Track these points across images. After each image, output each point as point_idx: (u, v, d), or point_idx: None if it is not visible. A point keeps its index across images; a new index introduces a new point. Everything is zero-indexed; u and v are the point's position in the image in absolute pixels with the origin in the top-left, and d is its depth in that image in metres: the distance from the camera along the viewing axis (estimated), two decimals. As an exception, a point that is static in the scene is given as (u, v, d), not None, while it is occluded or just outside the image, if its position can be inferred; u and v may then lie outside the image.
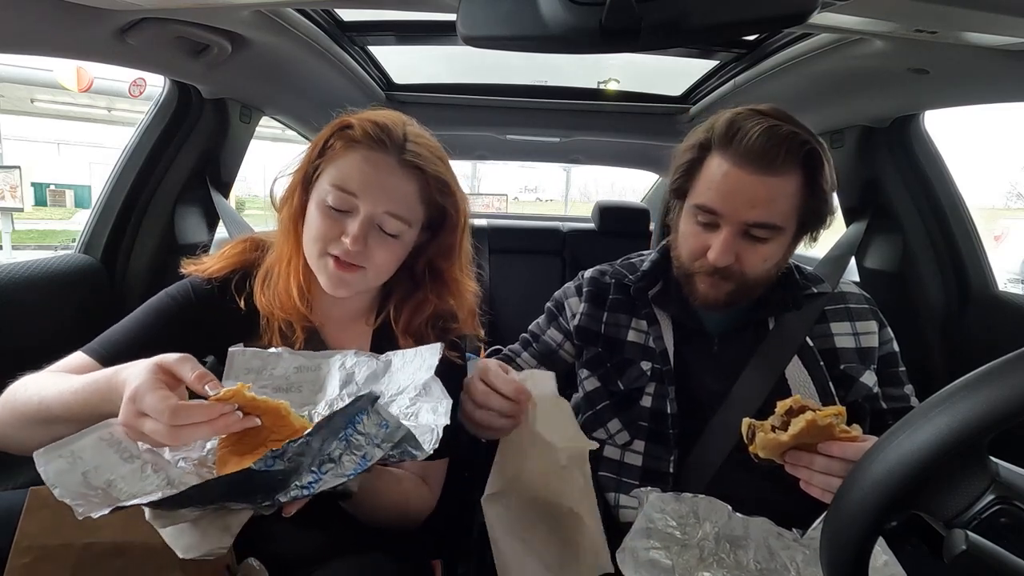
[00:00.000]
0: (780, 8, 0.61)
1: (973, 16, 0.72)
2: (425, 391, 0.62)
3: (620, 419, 0.90)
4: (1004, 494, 0.40)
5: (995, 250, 6.50)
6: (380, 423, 0.54)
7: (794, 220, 0.79)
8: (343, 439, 0.52)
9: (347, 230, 0.71)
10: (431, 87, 1.80)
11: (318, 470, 0.50)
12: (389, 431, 0.53)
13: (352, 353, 0.70)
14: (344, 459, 0.51)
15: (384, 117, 0.74)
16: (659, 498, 0.75)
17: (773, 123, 0.75)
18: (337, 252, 0.72)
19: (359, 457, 0.52)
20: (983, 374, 0.40)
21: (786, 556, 0.69)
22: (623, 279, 0.96)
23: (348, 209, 0.72)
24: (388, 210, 0.72)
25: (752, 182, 0.75)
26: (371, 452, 0.52)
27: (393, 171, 0.72)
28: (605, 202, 2.18)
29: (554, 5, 0.60)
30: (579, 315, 0.95)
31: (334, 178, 0.72)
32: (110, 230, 1.28)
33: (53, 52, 0.99)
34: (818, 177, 0.77)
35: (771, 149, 0.74)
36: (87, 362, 0.70)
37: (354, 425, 0.53)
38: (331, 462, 0.51)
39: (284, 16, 1.04)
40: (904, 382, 0.89)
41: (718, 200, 0.78)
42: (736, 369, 0.86)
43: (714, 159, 0.80)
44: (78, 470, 0.51)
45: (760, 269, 0.80)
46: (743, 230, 0.78)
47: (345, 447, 0.52)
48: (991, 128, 28.22)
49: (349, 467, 0.51)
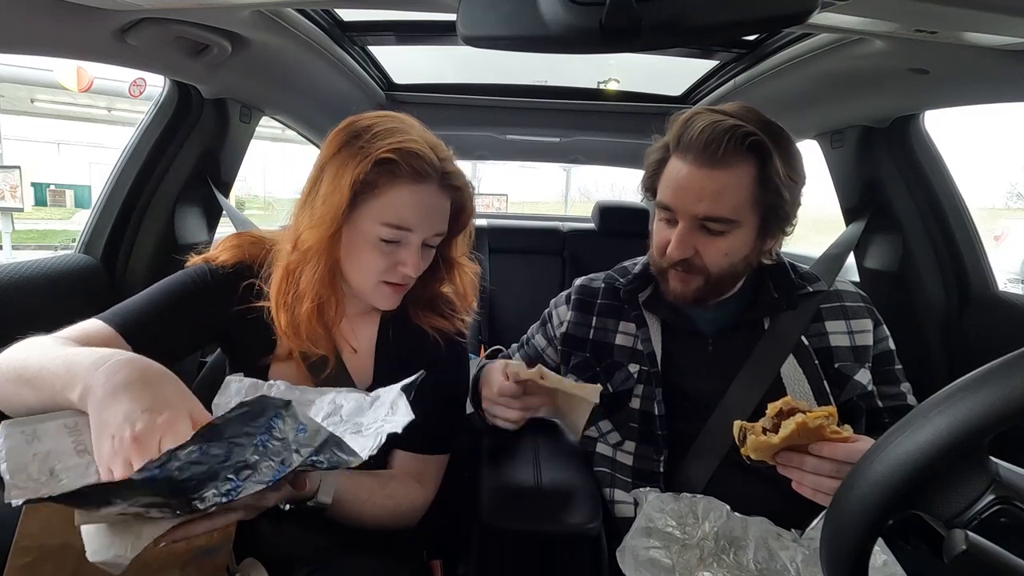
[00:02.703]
0: (780, 8, 0.61)
1: (973, 16, 0.72)
2: (392, 409, 0.63)
3: (611, 420, 0.91)
4: (1004, 494, 0.40)
5: (995, 250, 6.50)
6: (297, 427, 0.53)
7: (751, 213, 0.80)
8: (259, 444, 0.51)
9: (402, 260, 0.75)
10: (431, 87, 1.80)
11: (235, 477, 0.49)
12: (307, 435, 0.53)
13: (346, 391, 0.71)
14: (262, 465, 0.50)
15: (411, 143, 0.72)
16: (659, 498, 0.75)
17: (718, 118, 0.77)
18: (396, 280, 0.76)
19: (277, 463, 0.51)
20: (983, 374, 0.40)
21: (786, 556, 0.69)
22: (614, 283, 0.97)
23: (400, 240, 0.74)
24: (437, 232, 0.77)
25: (700, 176, 0.78)
26: (289, 458, 0.51)
27: (437, 197, 0.76)
28: (605, 202, 2.18)
29: (554, 5, 0.60)
30: (566, 323, 0.98)
31: (385, 215, 0.72)
32: (110, 230, 1.28)
33: (53, 52, 0.99)
34: (768, 169, 0.77)
35: (712, 142, 0.76)
36: (102, 328, 0.69)
37: (269, 431, 0.52)
38: (248, 468, 0.50)
39: (284, 16, 1.04)
40: (900, 380, 0.89)
41: (671, 196, 0.81)
42: (731, 369, 0.86)
43: (672, 159, 0.83)
44: (30, 451, 0.51)
45: (723, 262, 0.81)
46: (697, 224, 0.80)
47: (262, 453, 0.51)
48: (991, 128, 28.23)
49: (268, 473, 0.50)
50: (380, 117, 0.76)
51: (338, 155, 0.73)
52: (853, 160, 1.39)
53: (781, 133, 0.80)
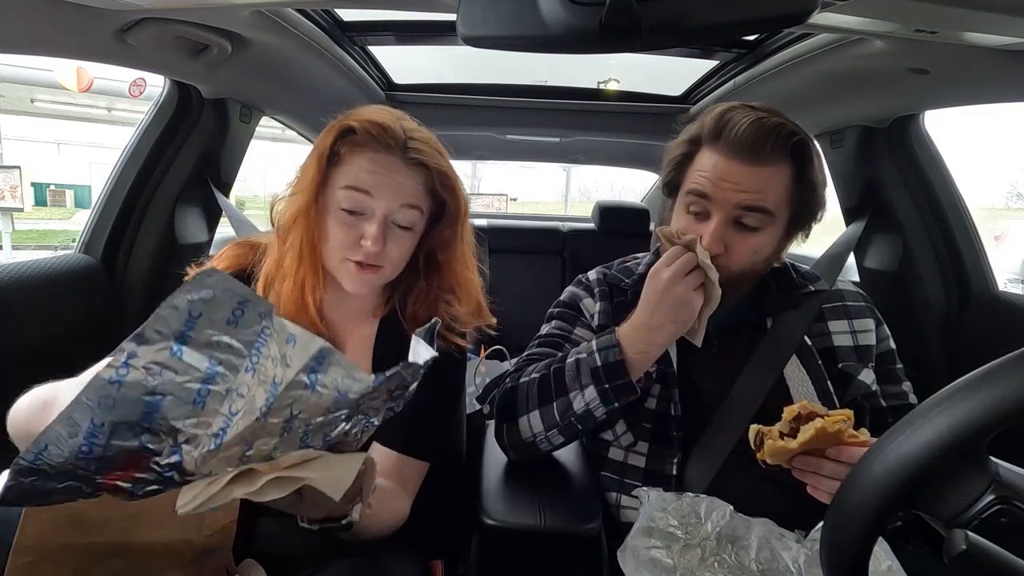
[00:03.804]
0: (780, 8, 0.61)
1: (973, 16, 0.72)
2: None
3: (625, 420, 0.89)
4: (1004, 494, 0.40)
5: (995, 250, 6.49)
6: (286, 339, 0.44)
7: (785, 209, 0.79)
8: (248, 370, 0.43)
9: (365, 233, 0.73)
10: (431, 87, 1.80)
11: (228, 411, 0.42)
12: (298, 346, 0.44)
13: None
14: (256, 392, 0.43)
15: (381, 116, 0.75)
16: (660, 497, 0.75)
17: (761, 115, 0.77)
18: (359, 257, 0.74)
19: (268, 384, 0.43)
20: (983, 374, 0.40)
21: (788, 557, 0.69)
22: (619, 283, 0.96)
23: (363, 211, 0.73)
24: (403, 202, 0.74)
25: (741, 171, 0.76)
26: (280, 373, 0.43)
27: (400, 169, 0.74)
28: (605, 202, 2.18)
29: (554, 5, 0.60)
30: (597, 314, 0.94)
31: (346, 180, 0.73)
32: (110, 230, 1.28)
33: (53, 52, 0.99)
34: (807, 169, 0.77)
35: (759, 140, 0.75)
36: None
37: (258, 350, 0.43)
38: (240, 398, 0.42)
39: (284, 16, 1.04)
40: (902, 379, 0.89)
41: (709, 185, 0.78)
42: (735, 370, 0.86)
43: (705, 152, 0.81)
44: None
45: (748, 261, 0.80)
46: (734, 217, 0.78)
47: (254, 379, 0.43)
48: (991, 128, 28.25)
49: (260, 400, 0.43)
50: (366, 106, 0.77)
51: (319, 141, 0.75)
52: (853, 160, 1.39)
53: (809, 136, 0.80)
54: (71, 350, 0.72)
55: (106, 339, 0.85)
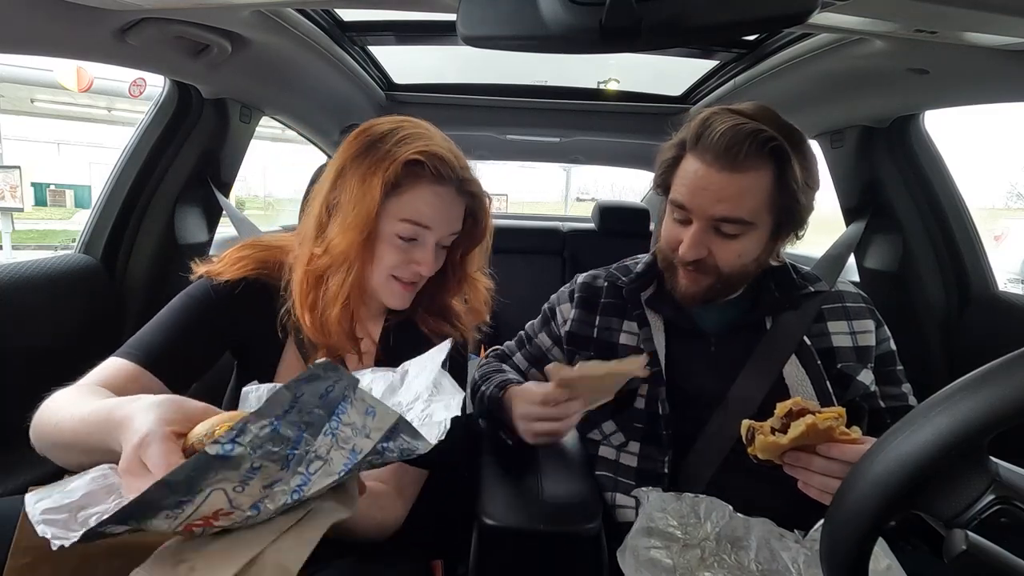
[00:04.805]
0: (780, 8, 0.61)
1: (973, 16, 0.72)
2: (437, 389, 0.61)
3: (615, 420, 0.90)
4: (1004, 494, 0.40)
5: (995, 250, 6.49)
6: (366, 410, 0.48)
7: (767, 216, 0.80)
8: (328, 433, 0.46)
9: (416, 258, 0.77)
10: (431, 87, 1.80)
11: (306, 471, 0.45)
12: (377, 419, 0.48)
13: (369, 372, 0.68)
14: (333, 455, 0.46)
15: (437, 147, 0.75)
16: (660, 497, 0.75)
17: (739, 121, 0.77)
18: (407, 277, 0.78)
19: (348, 451, 0.46)
20: (983, 374, 0.40)
21: (787, 557, 0.69)
22: (616, 281, 0.96)
23: (416, 237, 0.76)
24: (451, 231, 0.79)
25: (719, 179, 0.77)
26: (360, 443, 0.47)
27: (454, 200, 0.78)
28: (605, 202, 2.18)
29: (554, 5, 0.60)
30: (570, 321, 0.97)
31: (406, 212, 0.75)
32: (110, 230, 1.28)
33: (53, 52, 0.99)
34: (786, 173, 0.77)
35: (734, 146, 0.75)
36: (124, 366, 0.69)
37: (338, 416, 0.47)
38: (319, 459, 0.46)
39: (284, 16, 1.04)
40: (901, 380, 0.89)
41: (687, 196, 0.80)
42: (734, 369, 0.86)
43: (688, 158, 0.82)
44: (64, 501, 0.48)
45: (735, 264, 0.81)
46: (712, 225, 0.80)
47: (332, 442, 0.46)
48: (991, 128, 28.24)
49: (339, 464, 0.46)
50: (401, 122, 0.77)
51: (361, 160, 0.74)
52: (853, 160, 1.39)
53: (800, 137, 0.80)
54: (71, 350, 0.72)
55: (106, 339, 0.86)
